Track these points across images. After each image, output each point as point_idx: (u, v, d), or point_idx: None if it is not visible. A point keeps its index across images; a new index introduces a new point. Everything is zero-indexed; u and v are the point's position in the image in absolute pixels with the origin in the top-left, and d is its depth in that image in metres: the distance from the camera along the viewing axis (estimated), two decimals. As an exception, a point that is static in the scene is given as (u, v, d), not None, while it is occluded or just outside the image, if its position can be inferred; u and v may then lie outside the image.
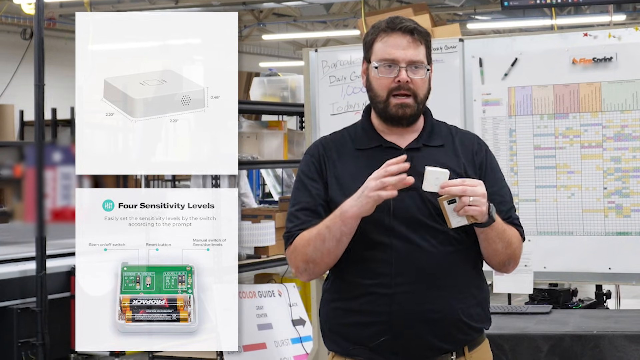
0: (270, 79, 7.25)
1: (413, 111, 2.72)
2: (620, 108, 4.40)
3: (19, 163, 8.48)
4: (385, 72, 2.72)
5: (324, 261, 2.68)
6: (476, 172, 2.76)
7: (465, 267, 2.72)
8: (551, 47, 4.54)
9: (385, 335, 2.66)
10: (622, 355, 3.86)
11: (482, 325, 2.77)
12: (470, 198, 2.55)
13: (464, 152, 2.78)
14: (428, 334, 2.66)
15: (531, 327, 4.07)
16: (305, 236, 2.68)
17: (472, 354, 2.74)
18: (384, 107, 2.73)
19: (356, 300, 2.70)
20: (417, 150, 2.74)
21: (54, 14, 14.35)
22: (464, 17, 16.27)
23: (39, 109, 6.25)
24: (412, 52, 2.71)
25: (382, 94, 2.73)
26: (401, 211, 2.66)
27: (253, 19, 16.42)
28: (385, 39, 2.74)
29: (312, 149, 2.84)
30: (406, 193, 2.65)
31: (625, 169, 4.40)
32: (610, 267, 4.42)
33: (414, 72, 2.71)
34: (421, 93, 2.73)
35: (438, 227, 2.66)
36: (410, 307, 2.65)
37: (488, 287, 2.86)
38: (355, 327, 2.71)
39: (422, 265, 2.65)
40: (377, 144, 2.77)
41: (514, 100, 4.60)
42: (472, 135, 2.89)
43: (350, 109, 4.95)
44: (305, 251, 2.68)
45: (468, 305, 2.71)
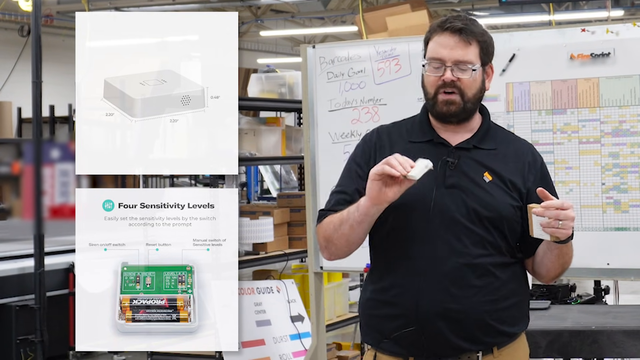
0: (268, 76, 7.25)
1: (459, 108, 2.75)
2: (619, 104, 4.40)
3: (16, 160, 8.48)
4: (433, 70, 2.76)
5: (340, 243, 2.74)
6: (525, 184, 2.78)
7: (498, 271, 2.72)
8: (549, 42, 4.54)
9: (410, 328, 2.69)
10: (621, 351, 3.87)
11: (514, 330, 2.79)
12: (561, 222, 2.58)
13: (516, 161, 2.81)
14: (451, 333, 2.68)
15: (530, 322, 4.07)
16: (332, 216, 2.75)
17: (501, 351, 2.76)
18: (433, 103, 2.77)
19: (387, 292, 2.75)
20: (466, 150, 2.77)
21: (51, 11, 14.34)
22: (461, 13, 16.25)
23: (36, 106, 6.26)
24: (460, 52, 2.74)
25: (431, 90, 2.77)
26: (440, 208, 2.69)
27: (251, 15, 16.41)
28: (436, 38, 2.78)
29: (367, 135, 2.90)
30: (447, 191, 2.69)
31: (623, 164, 4.40)
32: (608, 262, 4.42)
33: (461, 72, 2.74)
34: (469, 92, 2.75)
35: (474, 229, 2.70)
36: (435, 304, 2.67)
37: (528, 287, 2.86)
38: (384, 319, 2.75)
39: (452, 264, 2.68)
40: (429, 138, 2.81)
41: (512, 96, 4.60)
42: (528, 146, 2.90)
43: (348, 105, 4.95)
44: (327, 229, 2.76)
45: (499, 309, 2.72)
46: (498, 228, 2.72)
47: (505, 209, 2.72)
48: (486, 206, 2.71)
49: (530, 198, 2.75)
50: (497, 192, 2.73)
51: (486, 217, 2.70)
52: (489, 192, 2.72)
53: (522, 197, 2.77)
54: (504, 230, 2.73)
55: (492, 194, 2.72)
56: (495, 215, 2.71)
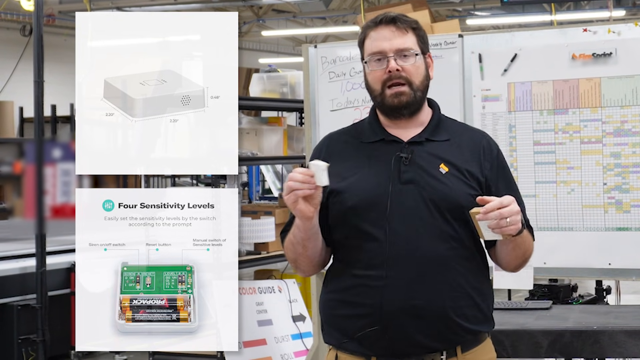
0: (269, 75, 7.25)
1: (409, 98, 2.71)
2: (620, 103, 4.40)
3: (18, 160, 8.50)
4: (376, 65, 2.72)
5: (304, 261, 2.75)
6: (482, 172, 2.74)
7: (461, 265, 2.68)
8: (551, 42, 4.54)
9: (374, 327, 2.64)
10: (622, 351, 3.87)
11: (478, 328, 2.72)
12: (508, 219, 2.53)
13: (471, 149, 2.76)
14: (415, 330, 2.63)
15: (531, 322, 4.07)
16: (288, 238, 2.75)
17: (465, 355, 2.69)
18: (381, 99, 2.73)
19: (348, 291, 2.70)
20: (419, 144, 2.73)
21: (53, 11, 14.35)
22: (463, 13, 16.25)
23: (38, 105, 6.26)
24: (399, 40, 2.72)
25: (377, 87, 2.73)
26: (398, 204, 2.65)
27: (252, 15, 16.41)
28: (372, 35, 2.75)
29: (317, 146, 2.87)
30: (403, 187, 2.65)
31: (625, 164, 4.39)
32: (610, 262, 4.42)
33: (403, 60, 2.71)
34: (416, 80, 2.72)
35: (434, 222, 2.65)
36: (399, 301, 2.62)
37: (491, 289, 2.80)
38: (347, 318, 2.70)
39: (415, 259, 2.63)
40: (380, 137, 2.76)
41: (514, 96, 4.60)
42: (482, 134, 2.86)
43: (349, 105, 4.95)
44: (288, 252, 2.77)
45: (462, 306, 2.66)
46: (459, 219, 2.66)
47: (464, 198, 2.66)
48: (445, 197, 2.65)
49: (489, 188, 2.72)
50: (455, 183, 2.68)
51: (446, 208, 2.65)
52: (446, 184, 2.67)
53: (481, 186, 2.72)
54: (465, 221, 2.66)
55: (449, 185, 2.66)
56: (455, 206, 2.65)
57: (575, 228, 4.47)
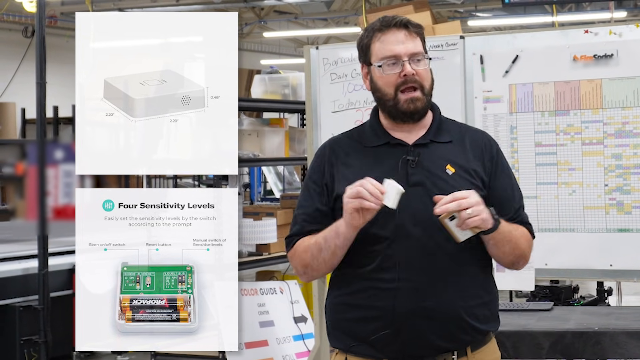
0: (271, 77, 7.25)
1: (423, 104, 2.73)
2: (621, 105, 4.40)
3: (20, 161, 8.49)
4: (390, 69, 2.72)
5: (321, 268, 2.73)
6: (485, 170, 2.76)
7: (471, 266, 2.71)
8: (552, 44, 4.54)
9: (386, 330, 2.66)
10: (624, 352, 3.87)
11: (488, 327, 2.75)
12: (468, 210, 2.55)
13: (473, 149, 2.78)
14: (428, 331, 2.65)
15: (533, 323, 4.07)
16: (306, 242, 2.73)
17: (474, 355, 2.72)
18: (394, 104, 2.73)
19: (358, 294, 2.71)
20: (424, 146, 2.75)
21: (55, 12, 14.35)
22: (464, 14, 16.25)
23: (40, 106, 6.25)
24: (411, 44, 2.73)
25: (390, 91, 2.73)
26: (407, 207, 2.65)
27: (254, 16, 16.41)
28: (382, 38, 2.75)
29: (319, 151, 2.86)
30: (412, 189, 2.66)
31: (626, 165, 4.39)
32: (611, 264, 4.42)
33: (417, 64, 2.72)
34: (427, 84, 2.74)
35: None
36: (412, 303, 2.64)
37: (496, 289, 2.83)
38: (357, 322, 2.71)
39: (426, 262, 2.65)
40: (384, 141, 2.77)
41: (515, 97, 4.60)
42: (482, 133, 2.88)
43: (351, 107, 4.95)
44: (304, 257, 2.74)
45: (472, 306, 2.69)
46: None
47: None
48: None
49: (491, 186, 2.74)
50: (462, 183, 2.69)
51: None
52: (453, 185, 2.67)
53: (485, 184, 2.74)
54: None
55: (456, 186, 2.67)
56: None
57: (577, 229, 4.47)
